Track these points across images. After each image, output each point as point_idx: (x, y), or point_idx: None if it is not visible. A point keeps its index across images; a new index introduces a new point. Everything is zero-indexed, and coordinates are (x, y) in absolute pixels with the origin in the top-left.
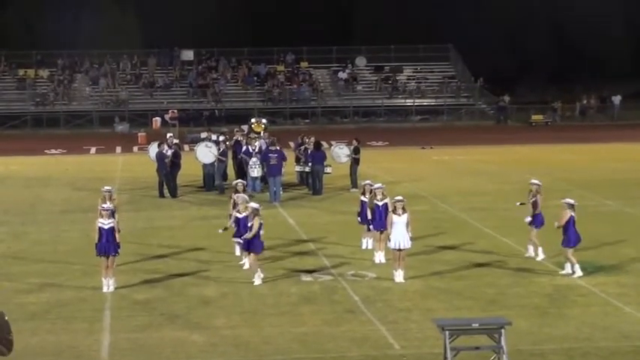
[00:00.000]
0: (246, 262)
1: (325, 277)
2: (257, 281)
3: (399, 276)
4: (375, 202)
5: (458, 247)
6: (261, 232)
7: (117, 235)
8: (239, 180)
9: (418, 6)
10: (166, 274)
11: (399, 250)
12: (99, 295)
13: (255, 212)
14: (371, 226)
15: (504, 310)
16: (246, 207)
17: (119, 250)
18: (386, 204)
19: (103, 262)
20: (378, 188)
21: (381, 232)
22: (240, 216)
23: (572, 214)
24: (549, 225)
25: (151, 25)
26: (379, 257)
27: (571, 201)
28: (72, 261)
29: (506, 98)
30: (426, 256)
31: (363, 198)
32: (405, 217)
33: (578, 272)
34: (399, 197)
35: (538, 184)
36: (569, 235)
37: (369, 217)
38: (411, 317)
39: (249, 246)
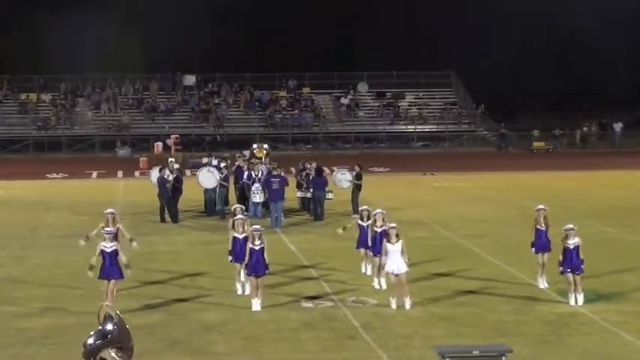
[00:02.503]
0: (240, 287)
1: (326, 303)
2: (255, 307)
3: (399, 302)
4: (375, 228)
5: (459, 273)
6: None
7: (124, 258)
8: (237, 205)
9: (420, 32)
10: (167, 299)
11: (397, 275)
12: None
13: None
14: (370, 252)
15: (505, 338)
16: (245, 227)
17: (122, 274)
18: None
19: (104, 285)
20: (378, 214)
21: (380, 258)
22: (239, 236)
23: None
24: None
25: (153, 49)
26: (378, 283)
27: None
28: (73, 285)
29: (503, 126)
30: (426, 283)
31: (361, 223)
32: (399, 245)
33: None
34: (393, 224)
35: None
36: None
37: (369, 243)
38: (412, 344)
39: (257, 269)
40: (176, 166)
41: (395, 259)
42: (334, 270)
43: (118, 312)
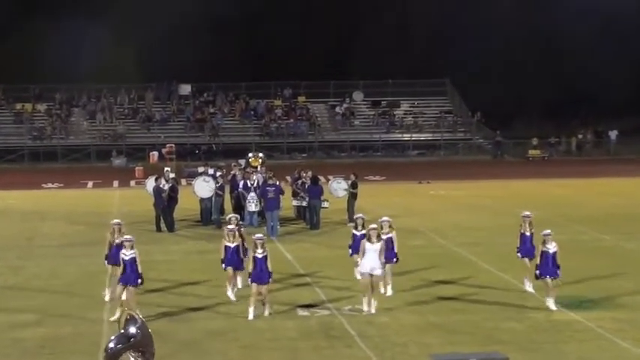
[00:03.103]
0: (230, 291)
1: (322, 312)
2: (251, 315)
3: (372, 304)
4: (381, 235)
5: (455, 281)
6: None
7: (139, 266)
8: (232, 214)
9: (415, 41)
10: (163, 308)
11: (371, 275)
12: (96, 330)
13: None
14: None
15: (501, 345)
16: (236, 237)
17: (140, 282)
18: (391, 237)
19: (119, 289)
20: (383, 221)
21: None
22: (230, 245)
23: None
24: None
25: (148, 59)
26: (381, 290)
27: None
28: (69, 295)
29: (498, 134)
30: (422, 291)
31: (355, 232)
32: (378, 246)
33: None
34: (374, 225)
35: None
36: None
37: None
38: (408, 352)
39: (261, 278)
40: (172, 175)
41: (372, 259)
42: (330, 278)
43: (141, 316)
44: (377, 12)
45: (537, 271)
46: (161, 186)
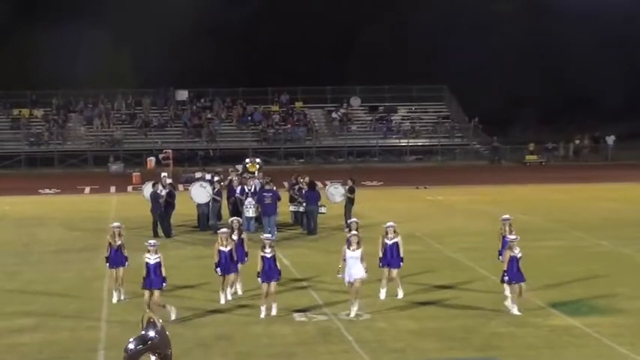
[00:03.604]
0: (222, 298)
1: (319, 317)
2: (263, 314)
3: (353, 311)
4: (386, 240)
5: (452, 287)
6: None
7: (163, 270)
8: (234, 217)
9: (412, 46)
10: (161, 314)
11: (351, 283)
12: (93, 335)
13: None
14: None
15: (498, 351)
16: (229, 241)
17: (164, 285)
18: (396, 242)
19: (146, 294)
20: (389, 227)
21: (391, 271)
22: (225, 250)
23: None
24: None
25: (145, 64)
26: (383, 294)
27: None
28: (66, 301)
29: (495, 139)
30: (419, 296)
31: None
32: (358, 253)
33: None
34: (354, 232)
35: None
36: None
37: (380, 254)
38: (406, 358)
39: (270, 276)
40: (169, 181)
41: (353, 266)
42: (327, 284)
43: (160, 320)
44: (374, 17)
45: (506, 277)
46: (158, 192)
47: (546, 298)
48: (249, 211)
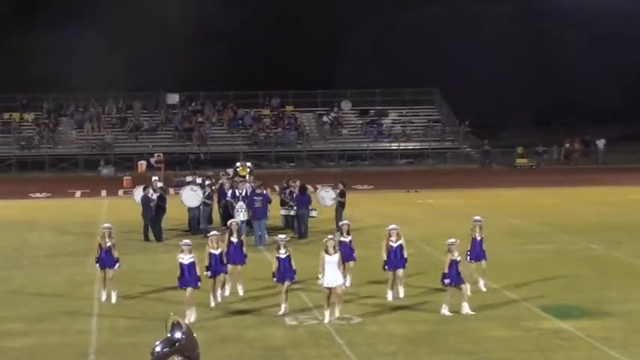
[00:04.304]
0: (213, 300)
1: (310, 321)
2: (282, 311)
3: (328, 315)
4: (390, 243)
5: (443, 290)
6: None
7: (197, 269)
8: (233, 220)
9: (403, 50)
10: (152, 318)
11: (330, 288)
12: (84, 339)
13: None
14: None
15: (489, 354)
16: (220, 243)
17: (199, 284)
18: (401, 245)
19: (187, 294)
20: (392, 229)
21: (396, 272)
22: (215, 252)
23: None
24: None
25: (136, 68)
26: (390, 295)
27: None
28: (57, 305)
29: (486, 143)
30: (411, 300)
31: (342, 239)
32: (336, 257)
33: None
34: (331, 236)
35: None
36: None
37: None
38: None
39: (285, 277)
40: (160, 184)
41: (331, 271)
42: (318, 287)
43: (186, 321)
44: (365, 21)
45: (447, 280)
46: (149, 195)
47: (537, 301)
48: (240, 214)
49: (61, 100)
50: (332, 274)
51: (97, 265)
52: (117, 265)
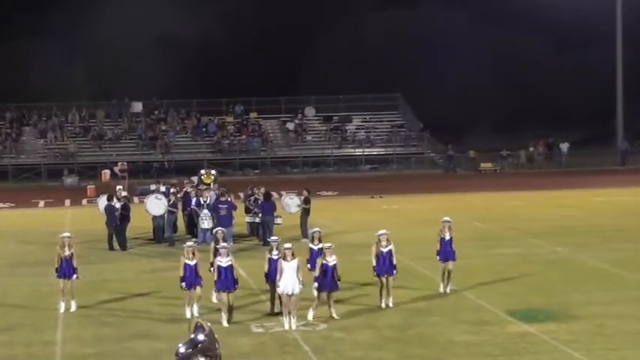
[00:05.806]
0: (189, 312)
1: (276, 328)
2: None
3: (288, 323)
4: (380, 248)
5: (408, 295)
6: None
7: (234, 272)
8: (219, 228)
9: (366, 56)
10: (116, 327)
11: (290, 295)
12: (48, 350)
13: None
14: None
15: (455, 359)
16: (195, 254)
17: (236, 286)
18: (390, 250)
19: (224, 297)
20: (382, 234)
21: (387, 278)
22: (190, 263)
23: None
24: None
25: (99, 77)
26: (383, 303)
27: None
28: (21, 315)
29: (450, 148)
30: (376, 306)
31: (312, 246)
32: (294, 263)
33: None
34: (288, 244)
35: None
36: None
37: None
38: None
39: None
40: (124, 193)
41: (289, 278)
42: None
43: (208, 323)
44: (328, 27)
45: (315, 284)
46: (113, 204)
47: (502, 305)
48: (205, 222)
49: (23, 110)
50: (289, 280)
51: (57, 275)
52: (74, 275)
